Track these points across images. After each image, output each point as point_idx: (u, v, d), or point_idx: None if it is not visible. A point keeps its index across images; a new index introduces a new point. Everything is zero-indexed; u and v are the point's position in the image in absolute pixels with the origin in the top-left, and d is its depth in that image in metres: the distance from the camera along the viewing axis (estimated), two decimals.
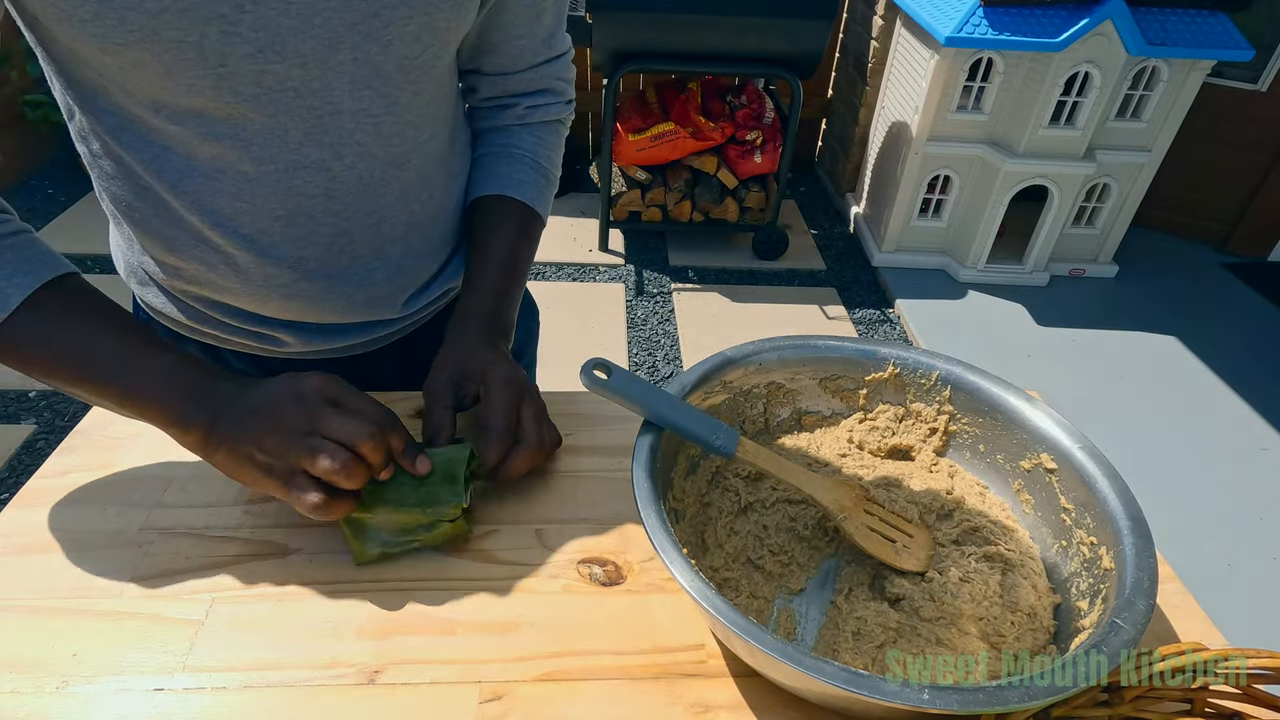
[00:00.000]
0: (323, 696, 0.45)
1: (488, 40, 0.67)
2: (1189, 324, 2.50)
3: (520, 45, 0.68)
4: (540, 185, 0.73)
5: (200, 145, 0.53)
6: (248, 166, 0.55)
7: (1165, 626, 0.52)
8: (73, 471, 0.59)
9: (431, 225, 0.69)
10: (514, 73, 0.70)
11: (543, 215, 0.74)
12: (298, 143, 0.55)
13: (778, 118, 2.60)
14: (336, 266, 0.64)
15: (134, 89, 0.50)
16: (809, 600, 0.53)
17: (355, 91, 0.55)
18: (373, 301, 0.68)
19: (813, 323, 2.47)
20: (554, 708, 0.45)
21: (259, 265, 0.61)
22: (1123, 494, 0.49)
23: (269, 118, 0.53)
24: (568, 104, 0.76)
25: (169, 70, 0.48)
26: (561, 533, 0.57)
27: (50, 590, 0.50)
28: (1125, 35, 2.12)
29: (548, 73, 0.72)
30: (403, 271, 0.68)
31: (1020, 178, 2.37)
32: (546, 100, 0.73)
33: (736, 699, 0.47)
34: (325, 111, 0.55)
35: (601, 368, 0.53)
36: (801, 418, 0.64)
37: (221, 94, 0.50)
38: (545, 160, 0.74)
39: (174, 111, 0.51)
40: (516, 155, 0.72)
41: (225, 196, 0.56)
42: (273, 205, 0.58)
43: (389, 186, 0.62)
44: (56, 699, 0.44)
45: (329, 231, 0.61)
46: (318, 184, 0.58)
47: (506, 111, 0.73)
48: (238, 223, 0.58)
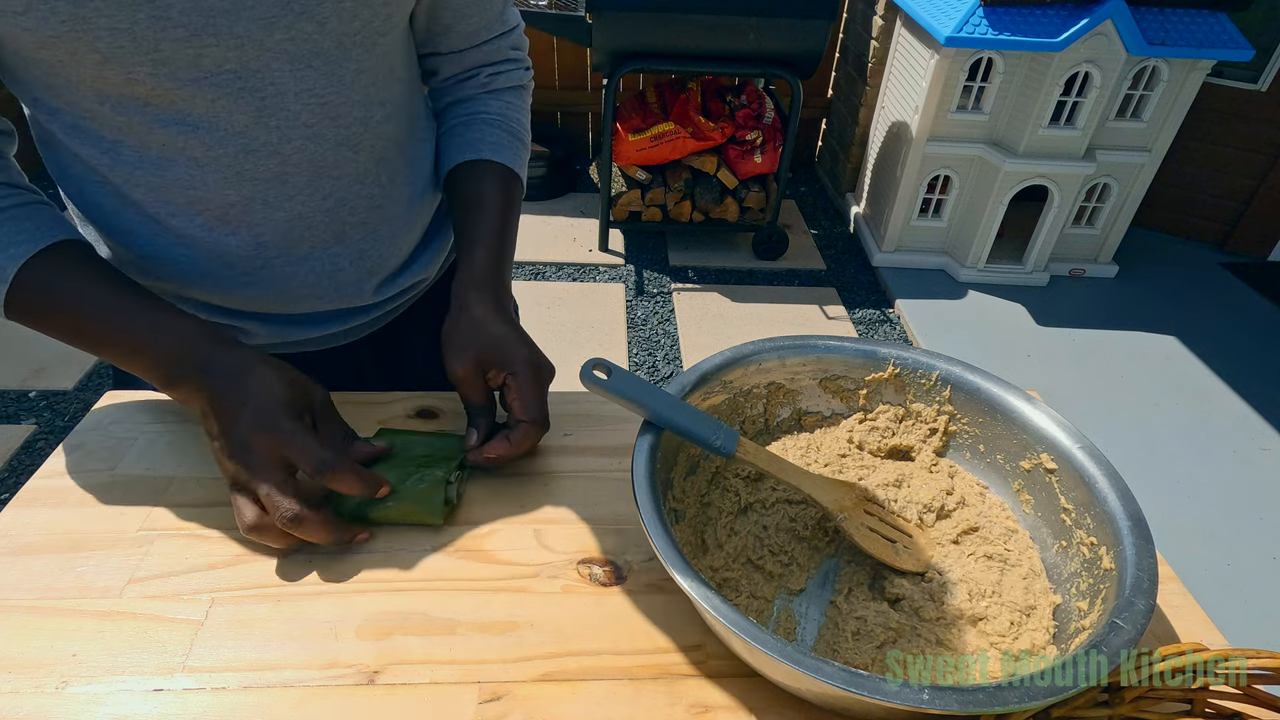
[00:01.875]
0: (322, 697, 0.45)
1: (439, 22, 0.67)
2: (1189, 324, 2.50)
3: (473, 23, 0.69)
4: (515, 147, 0.73)
5: (149, 134, 0.54)
6: (197, 153, 0.55)
7: (1165, 626, 0.52)
8: (72, 472, 0.59)
9: (394, 209, 0.69)
10: (470, 48, 0.71)
11: (521, 177, 0.73)
12: (244, 126, 0.55)
13: (778, 118, 2.60)
14: (297, 252, 0.64)
15: (77, 82, 0.50)
16: (809, 600, 0.53)
17: (296, 72, 0.55)
18: (340, 288, 0.68)
19: (813, 323, 2.47)
20: (554, 708, 0.45)
21: (218, 254, 0.61)
22: (1123, 494, 0.49)
23: (212, 102, 0.53)
24: (527, 70, 0.76)
25: (105, 59, 0.48)
26: (561, 533, 0.57)
27: (50, 590, 0.50)
28: (1125, 35, 2.12)
29: (503, 44, 0.72)
30: (366, 256, 0.68)
31: (1020, 178, 2.37)
32: (507, 68, 0.74)
33: (736, 699, 0.47)
34: (268, 93, 0.55)
35: (601, 368, 0.53)
36: (801, 418, 0.64)
37: (160, 80, 0.50)
38: (515, 123, 0.74)
39: (118, 102, 0.51)
40: (486, 119, 0.72)
41: (178, 185, 0.57)
42: (226, 191, 0.58)
43: (343, 169, 0.62)
44: (56, 699, 0.44)
45: (285, 216, 0.61)
46: (269, 167, 0.58)
47: (468, 82, 0.73)
48: (192, 210, 0.58)
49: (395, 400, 0.68)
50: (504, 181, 0.70)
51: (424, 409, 0.67)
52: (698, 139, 2.50)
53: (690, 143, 2.50)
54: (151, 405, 0.66)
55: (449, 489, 0.56)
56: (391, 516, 0.54)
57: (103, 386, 2.04)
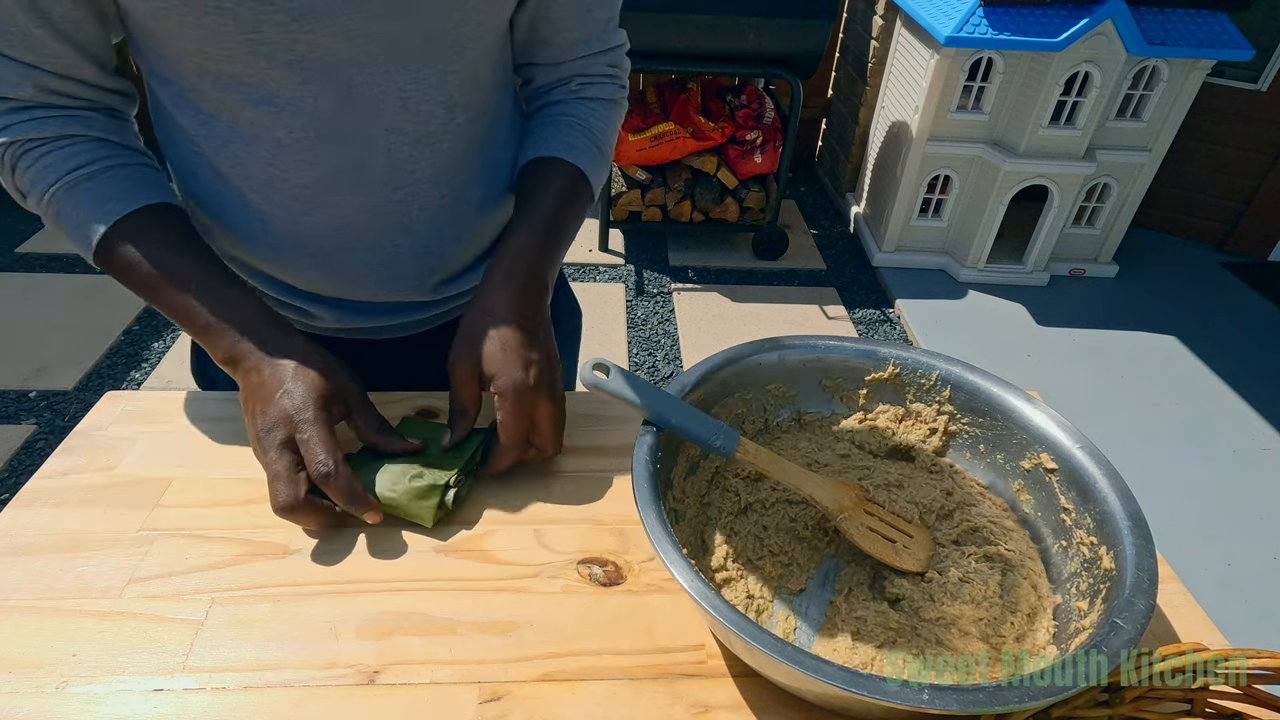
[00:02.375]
0: (322, 697, 0.45)
1: (538, 33, 0.67)
2: (1189, 324, 2.50)
3: (572, 37, 0.68)
4: (590, 151, 0.70)
5: (241, 111, 0.57)
6: (281, 133, 0.58)
7: (1165, 626, 0.52)
8: (72, 472, 0.59)
9: (464, 212, 0.69)
10: (566, 61, 0.70)
11: (591, 179, 0.70)
12: (327, 113, 0.57)
13: (778, 118, 2.60)
14: (365, 239, 0.65)
15: (184, 55, 0.54)
16: (809, 600, 0.53)
17: (383, 65, 0.57)
18: (400, 280, 0.69)
19: (813, 323, 2.47)
20: (554, 708, 0.45)
21: (290, 233, 0.64)
22: (1123, 494, 0.49)
23: (300, 85, 0.55)
24: (622, 87, 0.74)
25: (208, 35, 0.51)
26: (561, 533, 0.57)
27: (50, 590, 0.50)
28: (1125, 35, 2.12)
29: (600, 60, 0.71)
30: (431, 253, 0.69)
31: (1020, 177, 2.37)
32: (600, 80, 0.72)
33: (736, 699, 0.47)
34: (354, 83, 0.56)
35: (601, 367, 0.53)
36: (801, 417, 0.64)
37: (256, 60, 0.53)
38: (597, 129, 0.72)
39: (217, 78, 0.55)
40: (567, 121, 0.71)
41: (261, 162, 0.59)
42: (303, 173, 0.60)
43: (418, 165, 0.63)
44: (56, 699, 0.44)
45: (356, 204, 0.63)
46: (346, 155, 0.60)
47: (559, 88, 0.72)
48: (272, 188, 0.61)
49: (397, 400, 0.68)
50: (568, 179, 0.68)
51: (424, 409, 0.67)
52: (698, 139, 2.50)
53: (690, 143, 2.50)
54: (151, 406, 0.66)
55: (446, 492, 0.55)
56: (383, 506, 0.54)
57: (102, 387, 2.04)
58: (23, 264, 2.50)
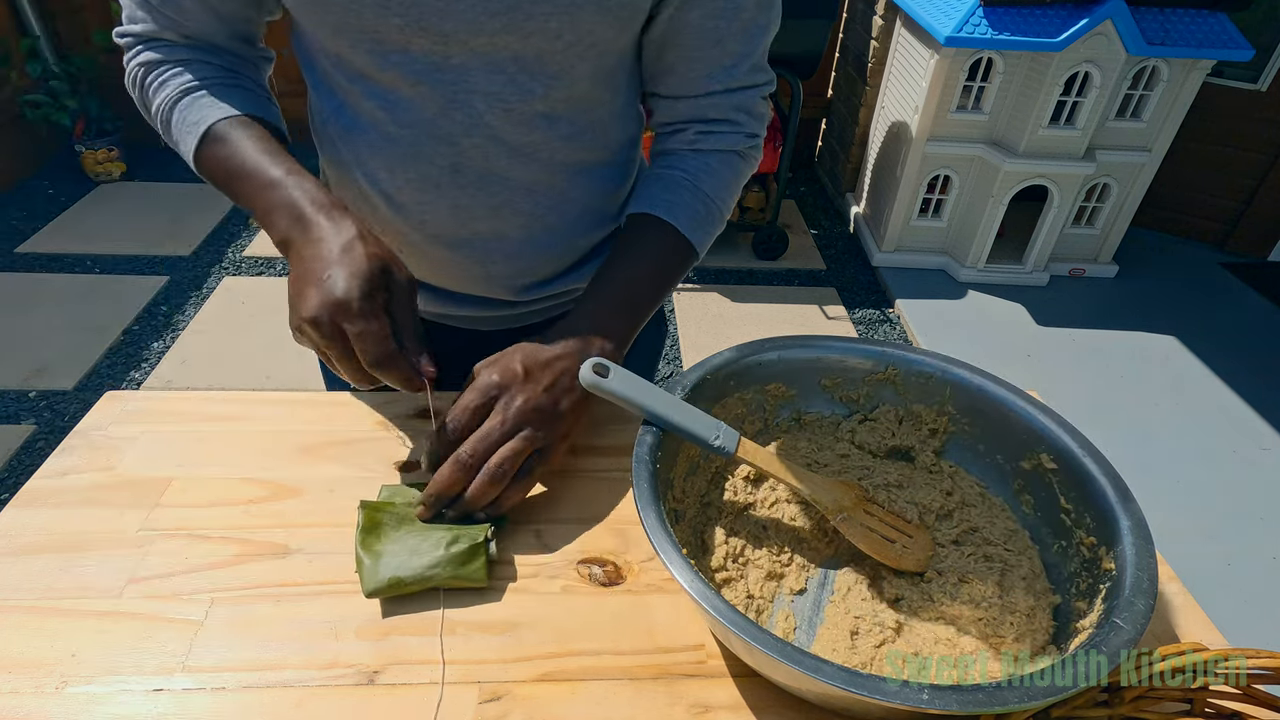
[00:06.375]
0: (322, 697, 0.45)
1: (664, 61, 0.65)
2: (1189, 324, 2.50)
3: (697, 69, 0.64)
4: (696, 210, 0.67)
5: (361, 102, 0.62)
6: (389, 128, 0.62)
7: (1165, 626, 0.52)
8: (72, 472, 0.59)
9: (558, 224, 0.70)
10: (688, 97, 0.67)
11: (693, 241, 0.67)
12: (432, 113, 0.61)
13: (778, 117, 2.60)
14: (457, 237, 0.68)
15: (323, 43, 0.60)
16: (808, 600, 0.53)
17: (490, 75, 0.59)
18: (489, 279, 0.72)
19: (813, 322, 2.47)
20: (554, 708, 0.45)
21: (393, 220, 0.68)
22: (1123, 494, 0.49)
23: (411, 86, 0.59)
24: (750, 137, 0.70)
25: (336, 31, 0.57)
26: (561, 533, 0.57)
27: (49, 590, 0.50)
28: (1125, 35, 2.12)
29: (726, 102, 0.67)
30: (521, 258, 0.70)
31: (1020, 177, 2.37)
32: (722, 129, 0.68)
33: (736, 699, 0.47)
34: (460, 89, 0.59)
35: (601, 367, 0.53)
36: (801, 417, 0.64)
37: (375, 58, 0.58)
38: (708, 186, 0.68)
39: (347, 69, 0.61)
40: (675, 179, 0.68)
41: (370, 149, 0.64)
42: (406, 167, 0.64)
43: (513, 174, 0.65)
44: (56, 699, 0.44)
45: (450, 202, 0.65)
46: (445, 156, 0.63)
47: (676, 136, 0.70)
48: (378, 177, 0.65)
49: (403, 398, 0.68)
50: (663, 243, 0.66)
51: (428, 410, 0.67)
52: None
53: None
54: (151, 406, 0.66)
55: (489, 546, 0.53)
56: (434, 583, 0.51)
57: (102, 386, 2.04)
58: (23, 264, 2.50)
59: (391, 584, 0.50)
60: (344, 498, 0.57)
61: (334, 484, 0.59)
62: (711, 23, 0.61)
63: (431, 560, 0.51)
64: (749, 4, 0.61)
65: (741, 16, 0.62)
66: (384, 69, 0.58)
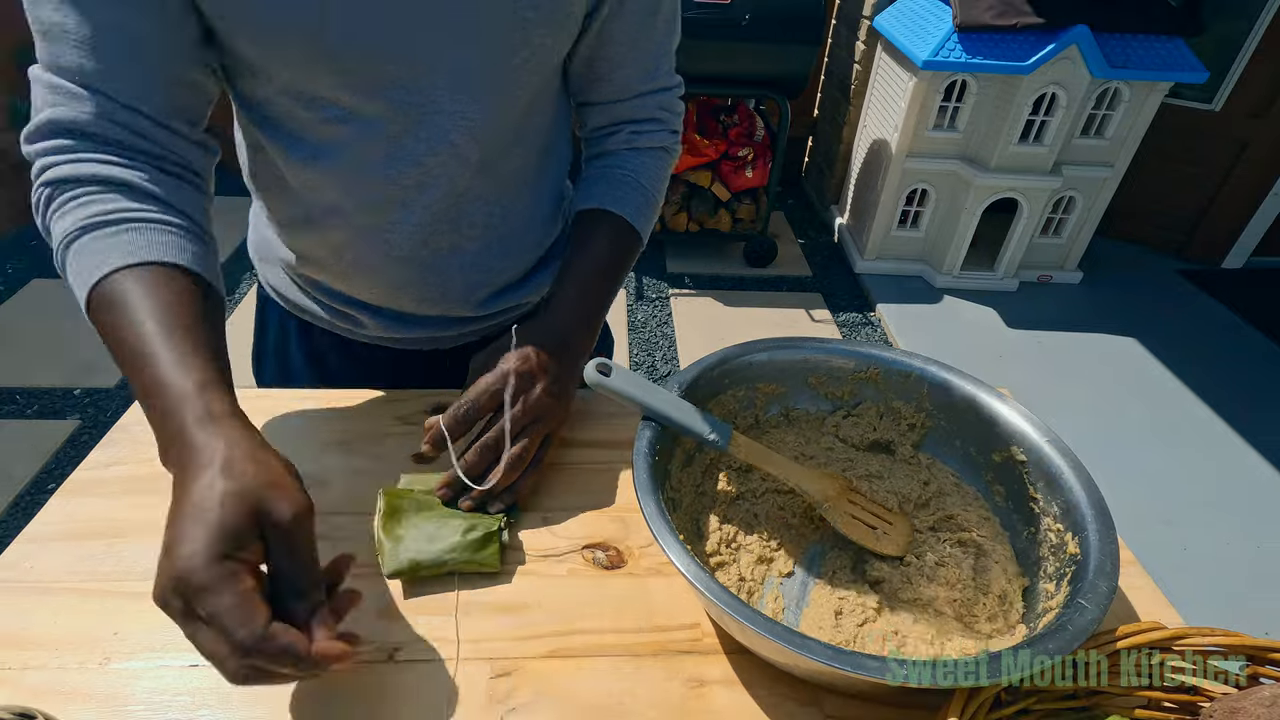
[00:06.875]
0: (345, 672, 0.45)
1: (594, 71, 0.66)
2: (1148, 326, 2.50)
3: (626, 74, 0.66)
4: (639, 203, 0.69)
5: (319, 128, 0.56)
6: (355, 152, 0.57)
7: (1126, 607, 0.52)
8: (114, 464, 0.59)
9: (510, 232, 0.68)
10: (619, 101, 0.68)
11: (640, 230, 0.69)
12: (397, 134, 0.57)
13: (767, 135, 2.60)
14: (417, 256, 0.65)
15: (272, 76, 0.53)
16: (796, 582, 0.53)
17: (454, 94, 0.56)
18: (448, 295, 0.68)
19: (800, 325, 2.46)
20: (560, 682, 0.45)
21: (350, 244, 0.63)
22: (1087, 484, 0.49)
23: (377, 110, 0.55)
24: (673, 133, 0.72)
25: (298, 61, 0.52)
26: (567, 520, 0.57)
27: (93, 574, 0.50)
28: (1089, 59, 2.12)
29: (652, 102, 0.69)
30: (478, 269, 0.68)
31: (992, 191, 2.37)
32: (651, 128, 0.70)
33: (729, 674, 0.47)
34: (426, 110, 0.56)
35: (604, 367, 0.53)
36: (790, 413, 0.64)
37: (338, 84, 0.53)
38: (647, 181, 0.70)
39: (299, 96, 0.54)
40: (618, 175, 0.70)
41: (329, 176, 0.59)
42: (370, 189, 0.60)
43: (474, 187, 0.63)
44: (99, 674, 0.44)
45: (414, 221, 0.62)
46: (411, 175, 0.59)
47: (611, 138, 0.71)
48: (339, 203, 0.61)
49: (410, 397, 0.68)
50: (616, 232, 0.68)
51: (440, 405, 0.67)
52: (693, 155, 2.50)
53: (686, 158, 2.49)
54: None
55: (502, 533, 0.53)
56: (450, 567, 0.51)
57: None
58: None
59: (410, 566, 0.50)
60: (365, 488, 0.57)
61: (356, 475, 0.59)
62: (634, 33, 0.63)
63: (448, 545, 0.51)
64: (662, 15, 0.64)
65: (657, 25, 0.64)
66: (347, 93, 0.54)
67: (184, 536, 0.36)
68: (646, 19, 0.63)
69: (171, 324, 0.44)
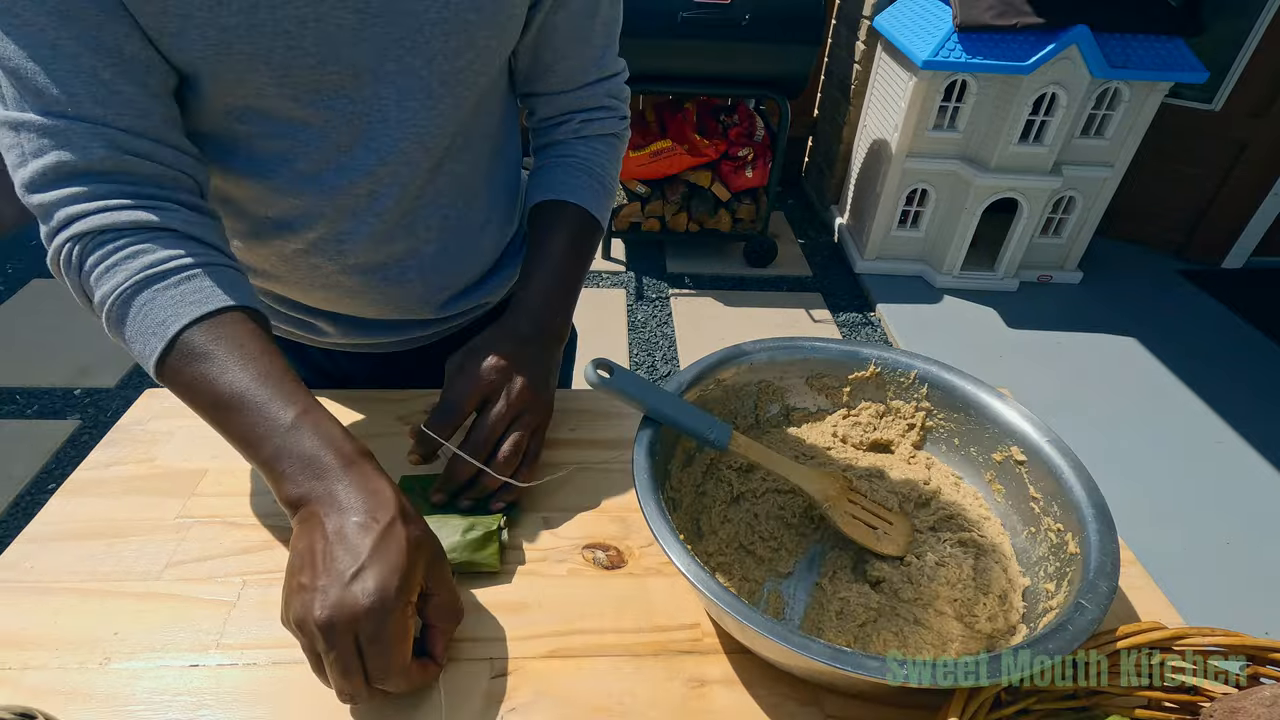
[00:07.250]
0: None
1: (541, 62, 0.66)
2: (1148, 326, 2.50)
3: (571, 65, 0.66)
4: (595, 190, 0.70)
5: (264, 143, 0.54)
6: (302, 165, 0.56)
7: (1126, 607, 0.52)
8: (114, 464, 0.59)
9: (467, 232, 0.68)
10: (567, 91, 0.68)
11: (598, 217, 0.69)
12: (346, 144, 0.56)
13: (767, 135, 2.60)
14: (373, 262, 0.64)
15: (212, 93, 0.50)
16: (796, 582, 0.53)
17: (401, 101, 0.55)
18: (407, 299, 0.67)
19: (800, 325, 2.46)
20: (560, 682, 0.45)
21: (305, 256, 0.62)
22: (1087, 484, 0.49)
23: (324, 122, 0.54)
24: (622, 119, 0.72)
25: (240, 79, 0.49)
26: (567, 520, 0.57)
27: (93, 573, 0.50)
28: (1089, 59, 2.11)
29: (600, 90, 0.69)
30: (437, 272, 0.68)
31: (992, 191, 2.36)
32: (600, 115, 0.71)
33: (729, 673, 0.47)
34: (374, 119, 0.55)
35: (604, 367, 0.53)
36: (790, 413, 0.64)
37: (284, 99, 0.52)
38: (600, 168, 0.70)
39: (243, 113, 0.52)
40: (571, 164, 0.69)
41: (279, 192, 0.57)
42: (321, 201, 0.58)
43: (426, 192, 0.62)
44: (100, 674, 0.44)
45: (369, 230, 0.61)
46: (362, 185, 0.58)
47: (561, 127, 0.71)
48: (290, 217, 0.59)
49: (412, 397, 0.68)
50: (576, 221, 0.67)
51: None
52: (694, 155, 2.50)
53: (687, 159, 2.49)
54: None
55: (501, 533, 0.53)
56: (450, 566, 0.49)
57: (142, 384, 2.04)
58: None
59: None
60: None
61: None
62: (577, 21, 0.63)
63: (448, 545, 0.51)
64: (604, 2, 0.64)
65: (600, 14, 0.64)
66: (294, 107, 0.52)
67: (370, 575, 0.40)
68: (589, 9, 0.63)
69: (267, 368, 0.46)
